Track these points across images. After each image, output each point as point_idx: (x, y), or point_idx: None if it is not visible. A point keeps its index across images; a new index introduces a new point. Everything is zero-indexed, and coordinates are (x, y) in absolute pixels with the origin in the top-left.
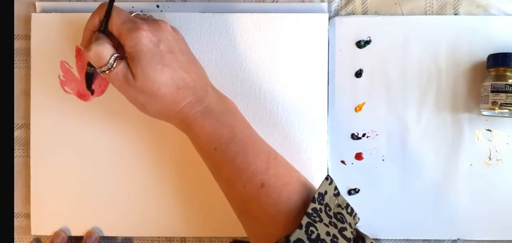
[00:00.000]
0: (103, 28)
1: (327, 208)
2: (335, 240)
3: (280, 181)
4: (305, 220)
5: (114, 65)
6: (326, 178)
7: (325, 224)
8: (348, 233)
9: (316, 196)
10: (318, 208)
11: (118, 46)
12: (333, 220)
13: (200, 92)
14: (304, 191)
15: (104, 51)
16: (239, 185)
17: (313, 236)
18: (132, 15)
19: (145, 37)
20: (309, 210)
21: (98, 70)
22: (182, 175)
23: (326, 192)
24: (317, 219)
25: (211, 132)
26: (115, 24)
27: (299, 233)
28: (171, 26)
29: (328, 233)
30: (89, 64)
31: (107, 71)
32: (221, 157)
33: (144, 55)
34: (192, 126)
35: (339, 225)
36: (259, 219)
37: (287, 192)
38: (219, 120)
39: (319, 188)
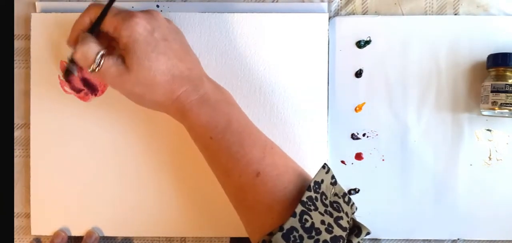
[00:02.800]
0: (91, 29)
1: (323, 197)
2: (330, 228)
3: (276, 170)
4: (299, 208)
5: (101, 63)
6: (323, 167)
7: (320, 213)
8: (344, 222)
9: (312, 184)
10: (313, 197)
11: (108, 46)
12: (329, 209)
13: (196, 81)
14: (300, 180)
15: (89, 50)
16: (235, 174)
17: (307, 224)
18: None
19: (140, 25)
20: (304, 198)
21: (88, 70)
22: (182, 175)
23: (322, 181)
24: (312, 207)
25: (207, 121)
26: (107, 19)
27: (293, 221)
28: (164, 17)
29: (323, 222)
30: (71, 61)
31: (96, 70)
32: (217, 146)
33: (139, 44)
34: (188, 115)
35: (335, 214)
36: (255, 208)
37: (283, 182)
38: (215, 109)
39: (315, 176)
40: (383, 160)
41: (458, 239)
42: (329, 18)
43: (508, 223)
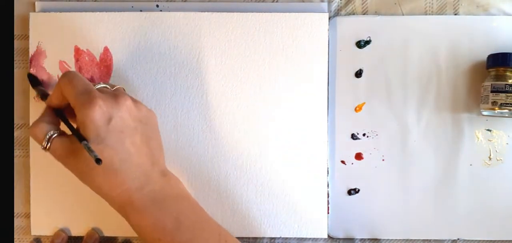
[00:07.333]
0: (57, 111)
1: None
2: None
3: None
4: None
5: (48, 145)
6: None
7: None
8: None
9: None
10: None
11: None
12: None
13: (142, 178)
14: None
15: (37, 132)
16: None
17: None
18: (97, 86)
19: (96, 113)
20: None
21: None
22: (180, 174)
23: None
24: None
25: (152, 222)
26: (70, 95)
27: None
28: (137, 104)
29: None
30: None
31: (46, 148)
32: None
33: (89, 133)
34: (131, 215)
35: None
36: None
37: None
38: (161, 209)
39: None
40: (383, 160)
41: (458, 239)
42: (329, 18)
43: (508, 223)
